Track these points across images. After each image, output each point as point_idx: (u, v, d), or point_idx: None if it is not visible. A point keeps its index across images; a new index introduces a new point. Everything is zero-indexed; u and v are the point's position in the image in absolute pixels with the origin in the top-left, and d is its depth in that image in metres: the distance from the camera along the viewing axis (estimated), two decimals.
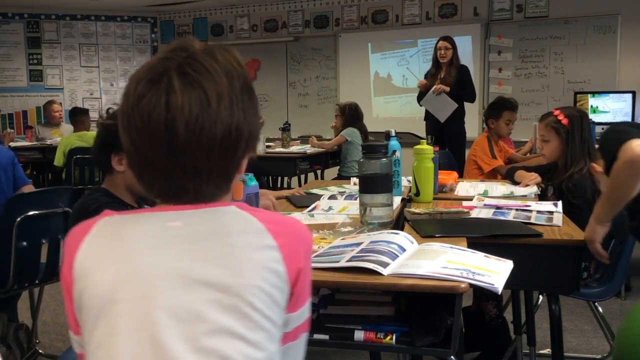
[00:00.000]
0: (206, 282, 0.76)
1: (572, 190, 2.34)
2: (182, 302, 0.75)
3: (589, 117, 2.58)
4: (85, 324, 0.78)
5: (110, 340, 0.75)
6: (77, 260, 0.80)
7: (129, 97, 0.81)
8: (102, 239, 0.81)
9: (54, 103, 6.55)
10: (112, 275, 0.77)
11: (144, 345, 0.73)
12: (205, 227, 0.80)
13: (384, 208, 1.71)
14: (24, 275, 2.47)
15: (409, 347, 1.26)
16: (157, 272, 0.76)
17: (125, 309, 0.75)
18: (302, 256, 0.83)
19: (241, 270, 0.77)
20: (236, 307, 0.75)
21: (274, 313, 0.78)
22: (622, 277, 2.29)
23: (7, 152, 2.97)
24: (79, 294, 0.79)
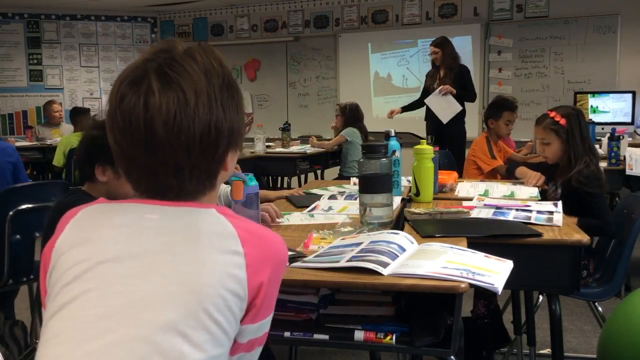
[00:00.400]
0: (164, 275, 0.78)
1: (585, 183, 2.35)
2: (135, 290, 0.77)
3: (584, 114, 2.59)
4: (49, 295, 0.81)
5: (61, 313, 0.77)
6: (59, 239, 0.84)
7: (112, 99, 0.85)
8: (82, 223, 0.85)
9: (54, 103, 6.55)
10: (82, 255, 0.80)
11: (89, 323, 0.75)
12: (178, 222, 0.82)
13: (384, 208, 1.71)
14: (19, 269, 2.47)
15: (409, 347, 1.26)
16: (121, 258, 0.79)
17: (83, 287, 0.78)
18: (268, 271, 0.82)
19: (201, 269, 0.78)
20: (187, 304, 0.76)
21: (226, 319, 0.78)
22: (622, 277, 2.29)
23: (11, 152, 2.97)
24: (52, 268, 0.83)
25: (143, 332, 0.74)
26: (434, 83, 5.06)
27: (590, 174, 2.39)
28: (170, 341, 0.74)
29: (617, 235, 2.35)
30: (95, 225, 0.83)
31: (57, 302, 0.79)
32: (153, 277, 0.78)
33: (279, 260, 0.85)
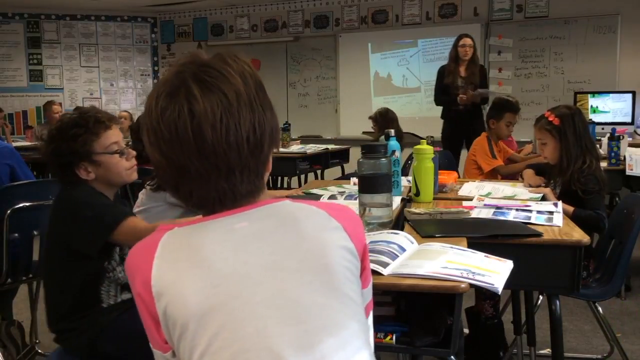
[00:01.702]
0: (293, 269, 0.79)
1: (584, 183, 2.37)
2: (276, 292, 0.78)
3: (581, 112, 2.59)
4: (181, 336, 0.77)
5: (219, 343, 0.75)
6: (154, 278, 0.79)
7: (152, 112, 0.83)
8: (175, 253, 0.81)
9: (54, 104, 6.54)
10: (200, 283, 0.77)
11: (251, 339, 0.75)
12: (270, 221, 0.84)
13: (384, 208, 1.71)
14: (18, 268, 2.47)
15: (409, 347, 1.26)
16: (243, 270, 0.79)
17: (223, 312, 0.76)
18: (362, 234, 0.90)
19: (321, 250, 0.82)
20: (328, 284, 0.80)
21: (357, 286, 0.85)
22: (622, 277, 2.29)
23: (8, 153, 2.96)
24: (164, 309, 0.78)
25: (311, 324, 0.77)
26: (456, 80, 4.83)
27: (590, 175, 2.40)
28: (332, 321, 0.78)
29: (617, 235, 2.35)
30: (191, 252, 0.80)
31: (202, 337, 0.75)
32: (284, 274, 0.79)
33: (359, 220, 0.93)
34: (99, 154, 1.71)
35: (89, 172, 1.71)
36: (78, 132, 1.70)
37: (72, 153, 1.68)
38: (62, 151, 1.68)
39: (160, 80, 0.86)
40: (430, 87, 6.83)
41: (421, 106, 6.91)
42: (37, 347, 2.84)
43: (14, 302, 2.91)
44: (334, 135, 7.24)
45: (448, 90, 4.86)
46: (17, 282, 2.59)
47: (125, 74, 8.30)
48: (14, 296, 2.89)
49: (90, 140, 1.70)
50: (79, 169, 1.70)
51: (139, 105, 8.28)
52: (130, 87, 8.35)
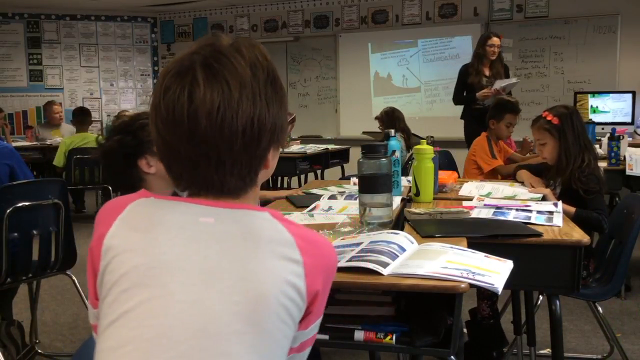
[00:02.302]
0: (227, 284, 0.76)
1: (585, 182, 2.37)
2: (200, 299, 0.76)
3: (579, 112, 2.60)
4: (104, 299, 0.79)
5: (123, 321, 0.76)
6: (108, 236, 0.81)
7: (157, 90, 0.84)
8: (134, 221, 0.82)
9: (54, 104, 6.53)
10: (139, 258, 0.78)
11: (155, 332, 0.74)
12: (235, 227, 0.81)
13: (384, 208, 1.71)
14: (17, 267, 2.47)
15: (409, 347, 1.26)
16: (182, 264, 0.77)
17: (145, 294, 0.76)
18: (322, 279, 0.83)
19: (263, 277, 0.77)
20: (253, 314, 0.75)
21: (287, 327, 0.79)
22: (622, 277, 2.29)
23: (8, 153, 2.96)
24: (103, 269, 0.80)
25: (211, 343, 0.73)
26: (481, 79, 4.65)
27: (591, 174, 2.40)
28: (237, 351, 0.74)
29: (617, 235, 2.35)
30: (148, 224, 0.81)
31: (116, 309, 0.77)
32: (217, 284, 0.76)
33: (332, 267, 0.86)
34: None
35: (150, 165, 1.72)
36: (143, 122, 1.72)
37: (138, 144, 1.70)
38: (128, 142, 1.69)
39: (175, 57, 0.85)
40: (430, 87, 6.86)
41: (421, 106, 6.92)
42: (37, 347, 2.84)
43: (14, 302, 2.91)
44: (334, 135, 7.24)
45: (471, 90, 4.67)
46: (16, 282, 2.59)
47: (125, 74, 8.31)
48: (14, 296, 2.89)
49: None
50: (142, 162, 1.71)
51: (139, 105, 8.29)
52: (130, 87, 8.35)
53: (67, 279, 2.72)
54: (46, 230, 2.55)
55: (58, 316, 3.33)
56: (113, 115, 7.53)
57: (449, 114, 6.77)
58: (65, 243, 2.61)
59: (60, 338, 3.05)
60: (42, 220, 2.55)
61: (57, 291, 3.68)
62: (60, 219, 2.58)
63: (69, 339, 3.03)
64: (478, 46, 4.79)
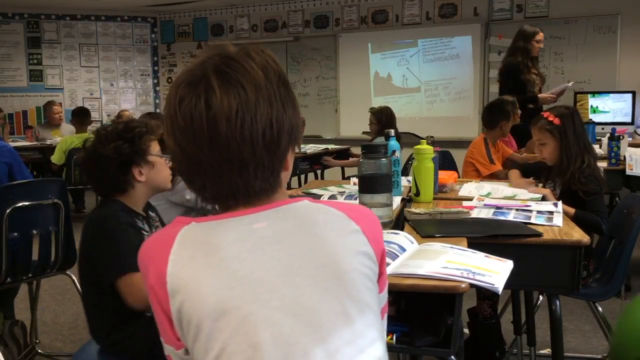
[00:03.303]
0: (310, 275, 0.78)
1: (584, 183, 2.37)
2: (293, 298, 0.77)
3: (579, 113, 2.60)
4: (195, 338, 0.77)
5: (232, 347, 0.75)
6: (170, 274, 0.79)
7: (171, 102, 0.83)
8: (192, 250, 0.80)
9: (54, 104, 6.52)
10: (216, 284, 0.77)
11: (268, 345, 0.74)
12: (289, 223, 0.82)
13: (384, 208, 1.71)
14: (17, 267, 2.48)
15: (409, 347, 1.26)
16: (259, 274, 0.77)
17: (238, 316, 0.75)
18: (381, 238, 0.89)
19: (339, 256, 0.80)
20: (346, 292, 0.79)
21: (374, 292, 0.84)
22: (622, 277, 2.29)
23: (6, 152, 2.97)
24: (178, 309, 0.78)
25: (323, 334, 0.76)
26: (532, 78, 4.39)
27: (590, 175, 2.40)
28: (349, 330, 0.77)
29: (617, 235, 2.35)
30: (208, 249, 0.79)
31: (216, 342, 0.75)
32: (301, 280, 0.78)
33: (380, 224, 0.91)
34: (154, 156, 1.76)
35: (141, 174, 1.73)
36: (141, 130, 1.73)
37: (134, 152, 1.71)
38: (124, 149, 1.69)
39: (184, 69, 0.85)
40: (430, 87, 6.86)
41: (421, 106, 6.92)
42: (37, 347, 2.84)
43: (14, 302, 2.91)
44: (334, 135, 7.24)
45: (524, 88, 4.36)
46: (16, 282, 2.59)
47: (125, 74, 8.30)
48: (15, 295, 2.89)
49: (150, 140, 1.75)
50: (135, 169, 1.72)
51: (139, 105, 8.29)
52: (130, 87, 8.35)
53: (67, 279, 2.72)
54: (46, 230, 2.55)
55: (58, 316, 3.33)
56: (113, 115, 7.53)
57: (449, 114, 6.78)
58: (65, 243, 2.61)
59: (60, 338, 3.05)
60: (42, 220, 2.55)
61: (57, 291, 3.68)
62: (60, 219, 2.59)
63: (69, 339, 3.03)
64: (521, 41, 4.42)
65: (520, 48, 4.43)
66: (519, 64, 4.40)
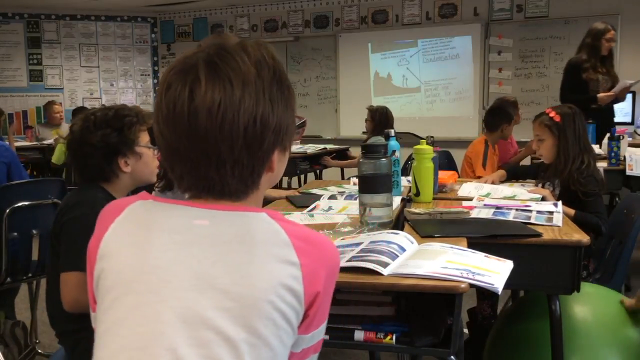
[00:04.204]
0: (220, 289, 0.75)
1: (584, 184, 2.36)
2: (192, 305, 0.74)
3: (582, 114, 2.60)
4: (100, 305, 0.79)
5: (116, 329, 0.76)
6: (104, 240, 0.81)
7: (160, 87, 0.83)
8: (130, 224, 0.82)
9: (55, 104, 6.53)
10: (132, 262, 0.78)
11: (146, 340, 0.73)
12: (230, 230, 0.79)
13: (384, 208, 1.71)
14: (17, 267, 2.48)
15: (409, 347, 1.26)
16: (175, 269, 0.76)
17: (137, 300, 0.76)
18: (323, 280, 0.80)
19: (258, 281, 0.75)
20: (246, 319, 0.74)
21: (283, 332, 0.77)
22: (622, 277, 2.29)
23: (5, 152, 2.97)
24: (99, 272, 0.80)
25: (204, 351, 0.72)
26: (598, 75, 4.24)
27: (590, 176, 2.40)
28: (230, 358, 0.72)
29: (617, 235, 2.35)
30: (143, 228, 0.80)
31: (110, 316, 0.77)
32: (209, 291, 0.75)
33: (333, 267, 0.83)
34: (142, 147, 1.72)
35: (127, 164, 1.70)
36: (131, 120, 1.68)
37: (122, 142, 1.67)
38: (112, 138, 1.65)
39: (180, 55, 0.84)
40: (430, 87, 6.86)
41: (421, 106, 6.92)
42: (37, 347, 2.84)
43: (14, 302, 2.91)
44: (334, 135, 7.24)
45: (585, 88, 4.22)
46: (16, 282, 2.59)
47: (125, 74, 8.30)
48: (16, 295, 2.89)
49: (139, 131, 1.71)
50: (121, 159, 1.69)
51: (139, 105, 8.29)
52: (130, 87, 8.35)
53: None
54: (46, 230, 2.55)
55: None
56: None
57: (449, 114, 6.78)
58: None
59: None
60: (42, 219, 2.55)
61: None
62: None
63: None
64: (589, 38, 4.23)
65: (588, 45, 4.22)
66: (583, 62, 4.21)
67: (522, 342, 1.95)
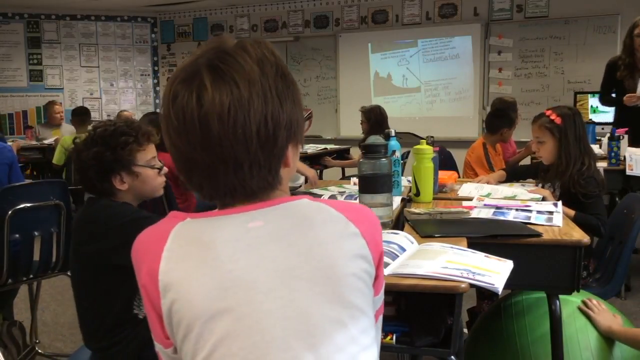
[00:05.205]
0: (305, 278, 0.76)
1: (584, 186, 2.36)
2: (286, 301, 0.75)
3: (581, 115, 2.58)
4: (184, 338, 0.76)
5: (222, 350, 0.73)
6: (162, 271, 0.77)
7: (165, 99, 0.81)
8: (185, 247, 0.78)
9: (55, 104, 6.51)
10: (209, 284, 0.75)
11: (260, 350, 0.73)
12: (286, 221, 0.80)
13: (384, 208, 1.71)
14: (18, 268, 2.48)
15: (409, 347, 1.26)
16: (254, 275, 0.76)
17: (231, 317, 0.74)
18: (380, 239, 0.87)
19: (335, 260, 0.78)
20: (339, 297, 0.77)
21: (369, 297, 0.82)
22: (622, 277, 2.29)
23: (7, 153, 2.98)
24: (168, 307, 0.76)
25: (317, 339, 0.74)
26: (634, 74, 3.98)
27: (590, 178, 2.39)
28: (342, 335, 0.76)
29: (617, 235, 2.35)
30: (202, 248, 0.77)
31: (206, 342, 0.74)
32: (296, 282, 0.76)
33: (379, 224, 0.89)
34: (140, 166, 1.69)
35: (123, 182, 1.67)
36: (127, 140, 1.66)
37: (115, 160, 1.65)
38: (105, 157, 1.64)
39: (180, 64, 0.83)
40: (430, 87, 6.86)
41: (421, 106, 6.92)
42: (37, 347, 2.84)
43: (14, 302, 2.92)
44: (334, 135, 7.24)
45: (620, 87, 4.04)
46: (17, 283, 2.59)
47: (125, 74, 8.30)
48: (15, 296, 2.89)
49: (135, 151, 1.68)
50: (115, 178, 1.66)
51: (139, 105, 8.29)
52: (130, 87, 8.35)
53: (67, 279, 2.72)
54: (47, 231, 2.56)
55: (58, 316, 3.33)
56: (113, 115, 7.53)
57: (449, 114, 6.78)
58: (66, 244, 2.61)
59: (60, 338, 3.05)
60: (44, 221, 2.55)
61: (57, 291, 3.67)
62: (62, 220, 2.59)
63: (69, 339, 3.03)
64: (627, 36, 4.00)
65: (624, 43, 4.05)
66: (618, 60, 4.06)
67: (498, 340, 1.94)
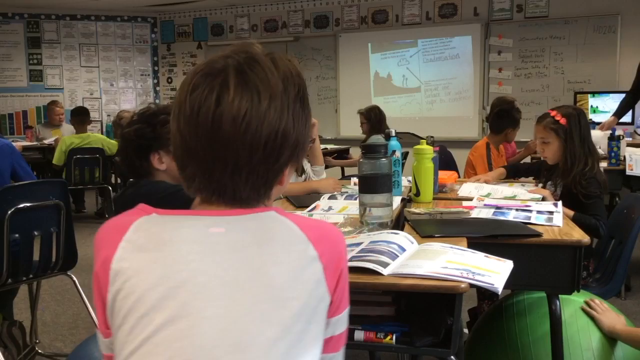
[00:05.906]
0: (251, 294, 0.75)
1: (585, 186, 2.35)
2: (227, 312, 0.74)
3: (585, 114, 2.57)
4: (119, 327, 0.76)
5: (149, 347, 0.73)
6: (115, 259, 0.78)
7: (184, 87, 0.82)
8: (142, 240, 0.79)
9: (57, 105, 6.51)
10: (156, 280, 0.75)
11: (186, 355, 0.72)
12: (248, 234, 0.79)
13: (384, 208, 1.71)
14: (18, 268, 2.48)
15: (409, 347, 1.26)
16: (201, 280, 0.75)
17: (167, 316, 0.74)
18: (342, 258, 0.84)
19: (285, 281, 0.77)
20: (281, 318, 0.75)
21: (319, 326, 0.80)
22: (622, 277, 2.29)
23: (8, 150, 2.98)
24: (114, 295, 0.77)
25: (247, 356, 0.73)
26: None
27: (592, 178, 2.38)
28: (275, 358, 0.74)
29: (617, 235, 2.35)
30: (158, 243, 0.78)
31: (137, 336, 0.74)
32: (241, 295, 0.75)
33: (340, 241, 0.86)
34: None
35: (162, 162, 1.69)
36: (166, 119, 1.67)
37: (155, 137, 1.67)
38: (145, 133, 1.66)
39: (207, 59, 0.84)
40: (430, 87, 6.86)
41: (421, 106, 6.92)
42: (37, 347, 2.84)
43: (14, 302, 2.91)
44: (334, 135, 7.25)
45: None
46: (17, 283, 2.59)
47: (125, 74, 8.31)
48: (14, 296, 2.89)
49: None
50: (154, 156, 1.68)
51: (139, 105, 8.29)
52: (130, 87, 8.35)
53: (67, 279, 2.72)
54: (47, 231, 2.55)
55: (58, 316, 3.33)
56: (113, 115, 7.53)
57: (449, 114, 6.78)
58: (66, 244, 2.61)
59: (60, 338, 3.05)
60: (44, 221, 2.55)
61: (57, 291, 3.68)
62: (62, 220, 2.58)
63: (69, 339, 3.03)
64: None
65: None
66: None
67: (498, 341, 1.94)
